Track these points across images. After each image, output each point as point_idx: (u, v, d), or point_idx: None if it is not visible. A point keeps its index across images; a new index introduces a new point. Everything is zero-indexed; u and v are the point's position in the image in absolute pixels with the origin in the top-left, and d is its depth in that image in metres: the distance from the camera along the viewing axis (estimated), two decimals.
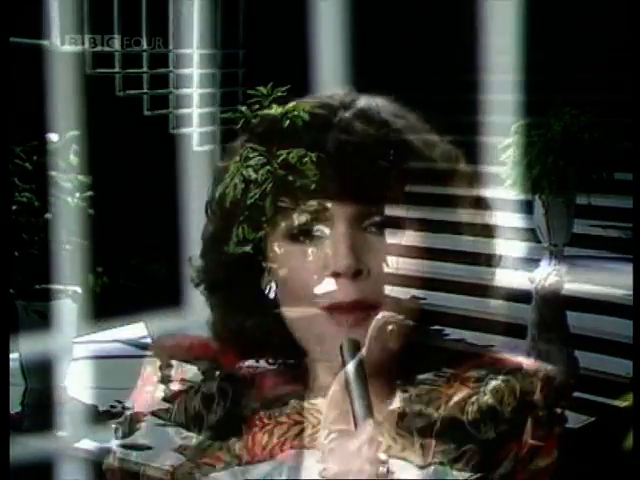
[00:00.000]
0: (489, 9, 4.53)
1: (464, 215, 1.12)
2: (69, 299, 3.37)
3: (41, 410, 3.25)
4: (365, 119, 1.04)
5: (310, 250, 1.03)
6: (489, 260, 1.17)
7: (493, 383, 1.03)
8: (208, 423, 1.06)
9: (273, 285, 1.05)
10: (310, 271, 1.02)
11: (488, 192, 1.16)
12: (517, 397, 1.03)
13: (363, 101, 1.06)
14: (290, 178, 1.01)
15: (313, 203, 1.02)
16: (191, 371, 1.09)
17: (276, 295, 1.05)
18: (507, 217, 4.79)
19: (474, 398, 1.02)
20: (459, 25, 4.49)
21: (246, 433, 1.04)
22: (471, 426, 1.01)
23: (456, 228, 1.13)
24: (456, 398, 1.02)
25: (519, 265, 4.51)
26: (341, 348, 0.98)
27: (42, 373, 3.30)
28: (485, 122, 4.55)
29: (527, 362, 1.07)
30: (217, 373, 1.08)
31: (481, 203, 1.12)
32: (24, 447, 2.75)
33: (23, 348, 3.28)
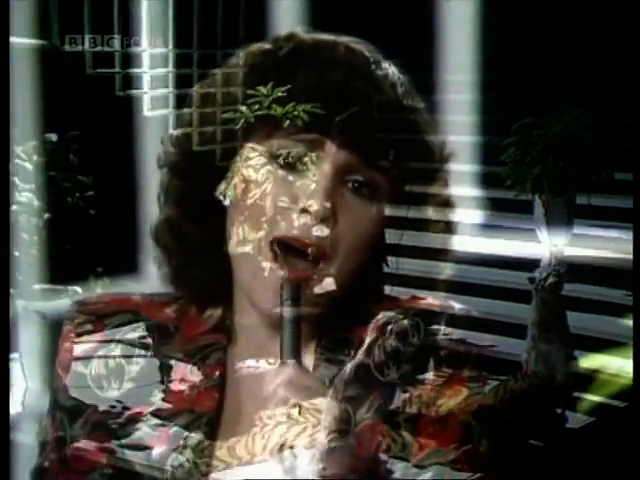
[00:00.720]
0: (489, 9, 4.53)
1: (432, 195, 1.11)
2: (69, 299, 3.37)
3: (41, 410, 3.24)
4: (392, 83, 1.04)
5: (288, 178, 1.02)
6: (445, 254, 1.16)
7: (398, 324, 1.03)
8: (129, 375, 1.06)
9: (227, 200, 1.04)
10: (279, 198, 1.01)
11: (477, 190, 1.16)
12: (420, 337, 1.02)
13: (389, 65, 1.06)
14: (290, 178, 1.01)
15: (311, 135, 1.01)
16: (110, 324, 1.09)
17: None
18: (507, 217, 4.79)
19: (380, 341, 1.01)
20: (461, 26, 4.49)
21: (168, 384, 1.05)
22: (376, 369, 1.01)
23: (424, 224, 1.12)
24: (367, 342, 1.02)
25: (519, 265, 4.51)
26: (282, 287, 0.98)
27: (42, 373, 3.30)
28: (485, 122, 4.54)
29: (434, 302, 1.06)
30: (138, 324, 1.08)
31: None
32: (24, 447, 2.75)
33: (23, 348, 3.28)
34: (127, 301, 1.10)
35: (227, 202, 1.05)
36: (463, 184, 1.12)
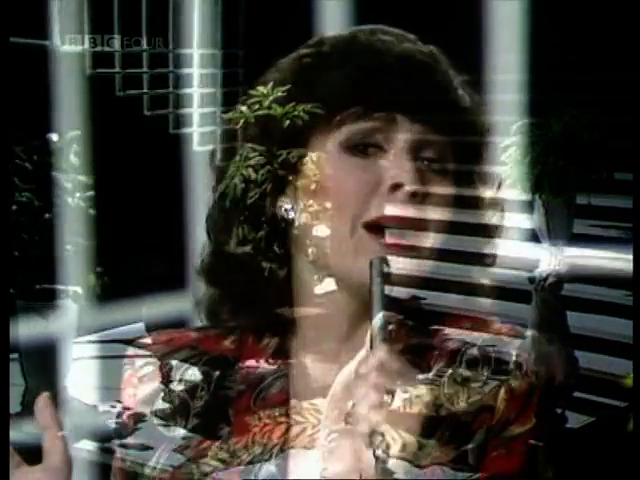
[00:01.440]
0: (489, 8, 4.53)
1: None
2: (69, 299, 3.37)
3: None
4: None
5: (364, 163, 1.01)
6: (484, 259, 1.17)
7: (469, 353, 1.02)
8: (194, 411, 1.06)
9: (291, 205, 1.03)
10: (362, 184, 1.00)
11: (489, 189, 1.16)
12: (490, 368, 1.02)
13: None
14: (290, 178, 1.01)
15: (381, 113, 1.00)
16: (170, 362, 1.09)
17: (284, 236, 1.03)
18: (507, 217, 4.79)
19: (450, 370, 1.01)
20: (459, 25, 4.49)
21: (234, 417, 1.04)
22: (445, 398, 1.00)
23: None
24: (435, 369, 1.02)
25: (519, 265, 4.51)
26: (371, 265, 0.97)
27: (42, 373, 3.30)
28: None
29: (504, 327, 1.06)
30: (198, 359, 1.07)
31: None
32: (24, 447, 2.75)
33: (23, 348, 3.28)
34: (184, 337, 1.10)
35: (292, 214, 1.05)
36: (463, 184, 1.12)
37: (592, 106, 4.25)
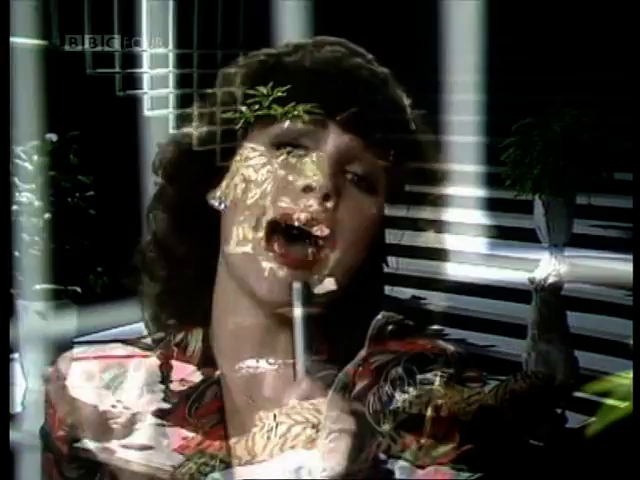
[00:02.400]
0: (489, 9, 4.53)
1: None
2: (69, 299, 3.37)
3: (41, 410, 3.24)
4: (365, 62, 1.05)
5: (285, 162, 1.01)
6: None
7: (393, 371, 1.02)
8: (135, 431, 1.06)
9: (225, 202, 1.03)
10: (276, 180, 1.01)
11: (483, 191, 1.16)
12: (415, 384, 1.01)
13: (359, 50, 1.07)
14: (290, 178, 1.01)
15: (313, 116, 1.01)
16: (102, 383, 1.09)
17: (214, 231, 1.03)
18: (507, 217, 4.80)
19: (374, 388, 1.01)
20: (460, 26, 4.50)
21: (170, 430, 1.04)
22: (372, 418, 1.00)
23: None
24: (359, 387, 1.01)
25: (519, 265, 4.51)
26: (290, 288, 0.97)
27: (42, 373, 3.30)
28: (485, 122, 4.55)
29: (428, 345, 1.05)
30: (125, 377, 1.08)
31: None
32: (24, 447, 2.75)
33: (23, 348, 3.28)
34: (111, 356, 1.10)
35: (223, 206, 1.05)
36: (463, 184, 1.12)
37: (592, 106, 4.26)
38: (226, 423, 1.03)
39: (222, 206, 1.03)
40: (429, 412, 1.00)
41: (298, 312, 0.95)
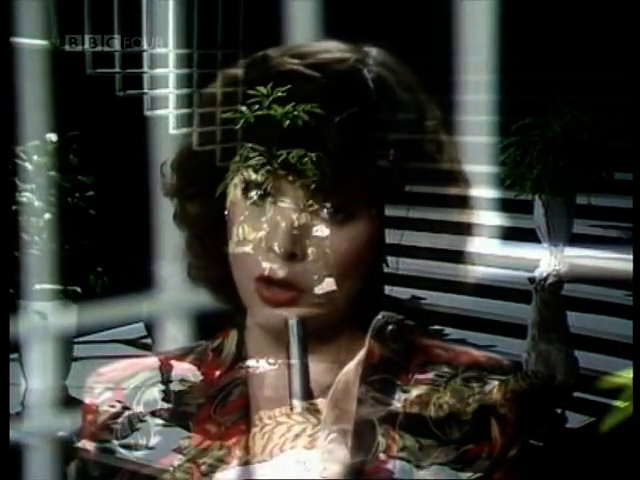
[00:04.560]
0: (490, 10, 4.53)
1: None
2: (69, 299, 3.37)
3: (41, 410, 3.25)
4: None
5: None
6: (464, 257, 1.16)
7: (452, 383, 1.03)
8: (154, 429, 1.06)
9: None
10: (251, 237, 1.02)
11: (479, 191, 1.16)
12: (476, 397, 1.02)
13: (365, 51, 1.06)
14: (290, 178, 1.01)
15: (266, 168, 1.01)
16: (129, 387, 1.09)
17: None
18: (507, 217, 4.80)
19: (434, 397, 1.01)
20: (459, 26, 4.50)
21: (195, 428, 1.05)
22: (435, 426, 1.01)
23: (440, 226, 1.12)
24: (415, 394, 1.02)
25: (519, 265, 4.51)
26: (286, 324, 0.98)
27: (42, 373, 3.30)
28: (485, 122, 4.55)
29: (482, 357, 1.06)
30: (156, 380, 1.08)
31: (459, 181, 1.11)
32: (24, 447, 2.75)
33: (23, 348, 3.28)
34: (143, 363, 1.10)
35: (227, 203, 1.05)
36: (463, 184, 1.12)
37: (592, 106, 4.26)
38: (249, 419, 1.03)
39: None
40: (493, 425, 1.01)
41: (295, 353, 0.97)
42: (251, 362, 1.04)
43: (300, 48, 1.07)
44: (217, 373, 1.06)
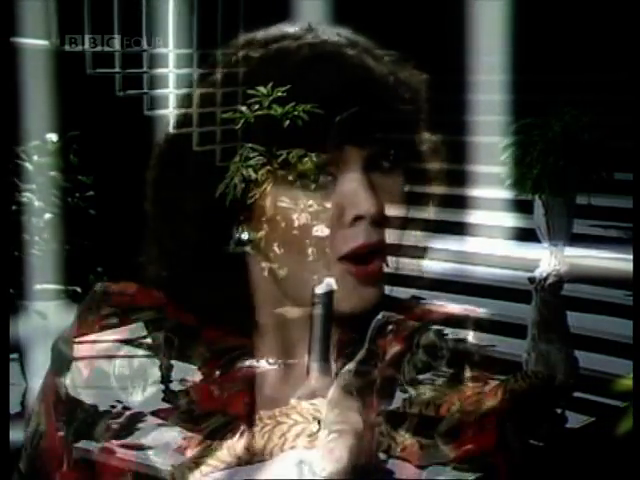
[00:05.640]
0: (489, 10, 4.53)
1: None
2: (69, 299, 3.37)
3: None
4: (372, 56, 1.04)
5: (317, 198, 1.01)
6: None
7: (425, 336, 1.03)
8: (152, 377, 1.06)
9: (247, 248, 1.04)
10: (320, 221, 1.01)
11: (484, 190, 1.16)
12: (449, 348, 1.02)
13: (363, 41, 1.06)
14: (290, 178, 1.01)
15: (306, 113, 1.01)
16: (136, 320, 1.08)
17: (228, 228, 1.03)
18: (507, 217, 4.80)
19: (408, 356, 1.01)
20: (459, 26, 4.50)
21: (196, 388, 1.05)
22: (409, 385, 1.01)
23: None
24: (390, 355, 1.02)
25: (519, 265, 4.51)
26: (314, 296, 0.98)
27: (42, 373, 3.30)
28: (485, 122, 4.54)
29: (455, 309, 1.06)
30: (162, 323, 1.07)
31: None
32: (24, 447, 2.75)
33: (23, 348, 3.28)
34: (151, 296, 1.09)
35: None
36: (463, 184, 1.12)
37: (592, 106, 4.26)
38: (254, 392, 1.02)
39: (244, 236, 1.04)
40: (479, 403, 1.00)
41: (319, 311, 0.96)
42: (251, 362, 1.04)
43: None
44: (219, 333, 1.05)
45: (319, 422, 0.97)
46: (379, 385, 1.00)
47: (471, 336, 1.02)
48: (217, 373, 1.05)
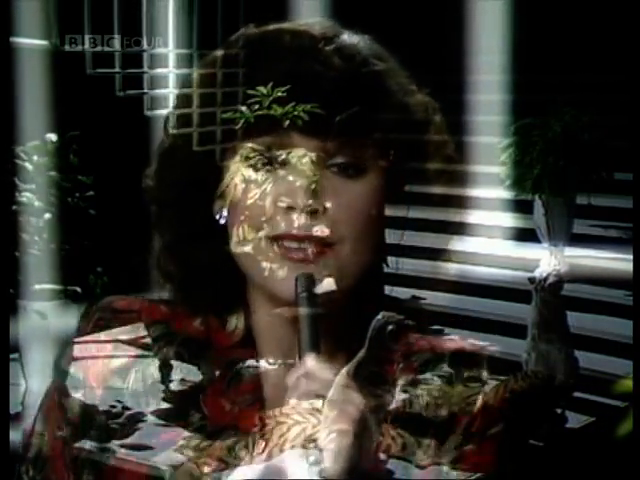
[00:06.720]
0: (489, 10, 4.53)
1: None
2: (69, 299, 3.37)
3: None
4: (345, 55, 1.04)
5: (268, 178, 1.01)
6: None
7: (440, 370, 1.03)
8: (165, 394, 1.06)
9: (224, 212, 1.04)
10: (264, 200, 1.01)
11: (476, 186, 1.16)
12: (463, 382, 1.02)
13: (345, 37, 1.06)
14: (290, 178, 1.01)
15: (279, 131, 1.01)
16: (144, 338, 1.08)
17: (225, 226, 1.04)
18: (507, 217, 4.80)
19: (422, 385, 1.02)
20: (459, 26, 4.49)
21: (206, 401, 1.05)
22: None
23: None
24: (401, 382, 1.02)
25: (519, 265, 4.51)
26: (296, 281, 0.98)
27: (42, 373, 3.30)
28: (485, 122, 4.54)
29: (467, 344, 1.06)
30: (172, 338, 1.07)
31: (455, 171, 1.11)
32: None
33: (23, 348, 3.27)
34: (156, 311, 1.09)
35: (222, 220, 1.05)
36: (463, 184, 1.12)
37: (592, 106, 4.25)
38: (264, 403, 1.02)
39: (222, 221, 1.04)
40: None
41: (303, 307, 0.97)
42: (250, 362, 1.04)
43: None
44: (226, 344, 1.06)
45: (319, 422, 0.96)
46: (379, 385, 1.00)
47: (484, 374, 1.03)
48: (227, 387, 1.05)
